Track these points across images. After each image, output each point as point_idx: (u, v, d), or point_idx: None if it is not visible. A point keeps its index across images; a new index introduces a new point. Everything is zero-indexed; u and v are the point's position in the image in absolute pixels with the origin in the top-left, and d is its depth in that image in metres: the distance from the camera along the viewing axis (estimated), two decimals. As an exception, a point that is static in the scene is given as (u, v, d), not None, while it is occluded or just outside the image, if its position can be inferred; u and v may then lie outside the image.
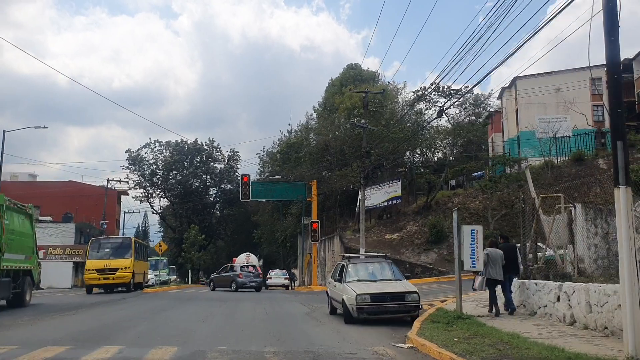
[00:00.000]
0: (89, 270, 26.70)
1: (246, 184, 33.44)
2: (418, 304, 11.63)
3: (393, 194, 33.37)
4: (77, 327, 11.84)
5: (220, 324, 12.23)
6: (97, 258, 27.09)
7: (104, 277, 26.41)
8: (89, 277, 26.75)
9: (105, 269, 26.47)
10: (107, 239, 32.13)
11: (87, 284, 27.19)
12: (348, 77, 54.36)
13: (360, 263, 13.31)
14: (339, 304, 12.69)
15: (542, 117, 42.75)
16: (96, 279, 26.54)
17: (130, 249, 27.83)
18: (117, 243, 29.08)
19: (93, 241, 29.22)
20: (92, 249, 27.72)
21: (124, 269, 26.74)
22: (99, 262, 26.82)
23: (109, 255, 27.49)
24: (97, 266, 26.58)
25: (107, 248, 28.19)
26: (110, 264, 26.69)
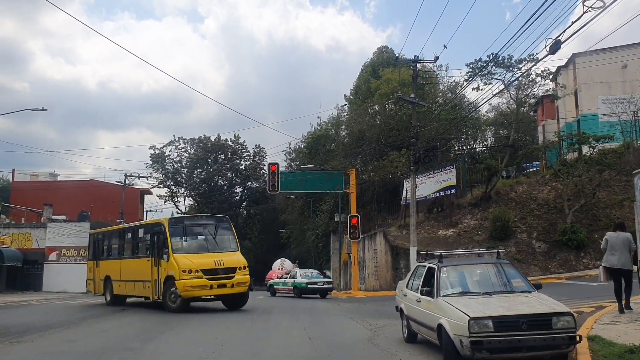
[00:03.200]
0: (186, 271, 15.36)
1: (274, 173, 28.85)
2: (574, 335, 6.81)
3: (446, 182, 28.34)
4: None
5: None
6: (191, 251, 16.40)
7: (218, 285, 15.56)
8: (190, 284, 15.31)
9: (219, 270, 15.73)
10: (193, 218, 20.73)
11: (188, 295, 15.58)
12: (381, 61, 49.58)
13: (463, 265, 8.37)
14: (429, 331, 7.93)
15: (607, 97, 37.31)
16: (205, 286, 15.47)
17: (232, 235, 17.75)
18: (211, 224, 17.62)
19: (173, 221, 17.53)
20: (175, 234, 16.41)
21: (242, 268, 16.26)
22: (202, 258, 15.93)
23: (208, 245, 16.84)
24: (201, 264, 15.58)
25: (201, 234, 17.30)
26: (223, 261, 15.94)
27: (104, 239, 21.91)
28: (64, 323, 13.51)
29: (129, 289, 18.90)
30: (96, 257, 21.90)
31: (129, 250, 19.80)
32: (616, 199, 26.02)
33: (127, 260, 19.37)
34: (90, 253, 22.85)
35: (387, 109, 41.73)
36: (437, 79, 43.83)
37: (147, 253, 17.76)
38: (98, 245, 22.14)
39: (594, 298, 13.24)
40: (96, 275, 21.48)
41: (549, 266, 23.98)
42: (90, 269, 22.32)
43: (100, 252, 21.82)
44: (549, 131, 41.05)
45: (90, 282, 22.37)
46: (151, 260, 17.09)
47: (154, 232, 17.30)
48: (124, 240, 20.39)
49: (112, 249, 21.14)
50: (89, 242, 23.24)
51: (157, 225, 17.53)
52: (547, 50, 11.16)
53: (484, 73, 28.19)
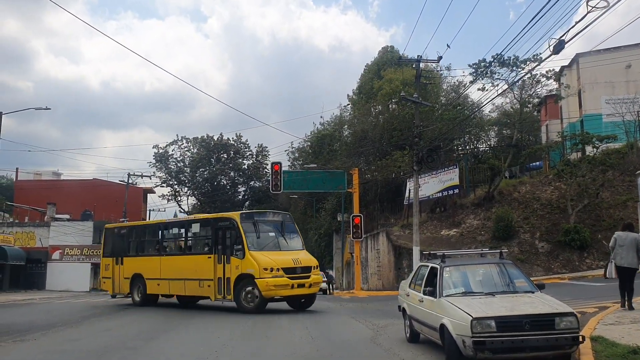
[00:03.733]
0: (268, 270, 14.60)
1: (277, 172, 28.84)
2: (577, 335, 6.78)
3: (449, 182, 28.29)
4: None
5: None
6: (266, 248, 15.49)
7: (298, 284, 14.86)
8: (273, 283, 14.54)
9: (297, 269, 15.07)
10: (262, 214, 17.74)
11: (269, 295, 14.81)
12: (385, 61, 49.53)
13: (465, 265, 8.35)
14: (431, 331, 7.91)
15: (610, 97, 37.17)
16: (286, 286, 14.71)
17: (297, 232, 17.25)
18: (279, 221, 16.70)
19: (244, 216, 16.01)
20: (248, 230, 15.39)
21: (315, 268, 15.86)
22: (280, 256, 15.27)
23: (280, 243, 16.01)
24: (282, 263, 14.90)
25: (271, 230, 16.24)
26: (300, 259, 15.44)
27: (130, 234, 20.33)
28: (67, 322, 13.55)
29: (175, 288, 17.36)
30: (116, 254, 19.92)
31: (175, 247, 18.57)
32: (619, 199, 25.95)
33: (174, 257, 17.89)
34: (106, 249, 20.75)
35: (390, 109, 41.71)
36: (440, 78, 43.79)
37: (205, 250, 16.60)
38: (119, 241, 20.29)
39: (597, 298, 13.21)
40: (117, 273, 19.57)
41: (552, 266, 23.92)
42: (108, 267, 20.21)
43: (123, 248, 19.93)
44: (553, 131, 40.93)
45: (106, 280, 20.36)
46: (213, 257, 15.85)
47: (219, 228, 16.14)
48: (167, 236, 19.09)
49: (145, 245, 19.74)
50: (104, 237, 21.24)
51: (223, 220, 16.28)
52: (551, 50, 11.14)
53: (487, 74, 28.10)
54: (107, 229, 21.42)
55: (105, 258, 20.75)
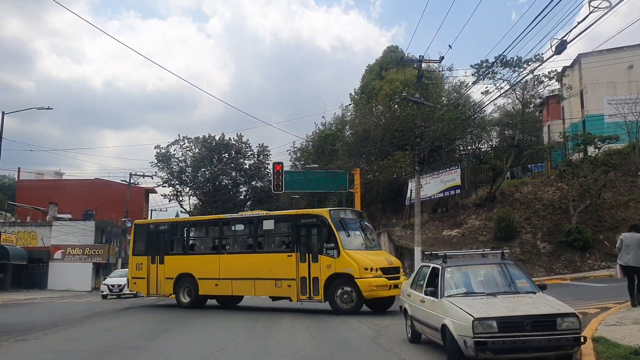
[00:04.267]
0: (368, 269, 13.98)
1: (279, 173, 28.85)
2: (578, 336, 6.77)
3: (451, 183, 28.26)
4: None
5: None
6: (358, 247, 14.95)
7: (393, 285, 14.06)
8: (375, 283, 13.88)
9: (391, 269, 14.63)
10: (345, 211, 17.13)
11: (371, 296, 14.08)
12: (389, 61, 49.50)
13: (467, 266, 8.34)
14: (432, 331, 7.90)
15: (612, 98, 37.13)
16: (385, 286, 14.04)
17: (374, 232, 17.18)
18: (359, 220, 16.33)
19: (333, 213, 15.26)
20: (339, 228, 14.73)
21: (400, 267, 15.59)
22: (373, 255, 14.81)
23: (366, 243, 15.54)
24: (378, 262, 14.38)
25: (357, 229, 15.72)
26: (392, 260, 15.34)
27: (173, 231, 18.72)
28: (69, 321, 13.57)
29: (240, 288, 16.31)
30: (153, 252, 18.28)
31: (241, 245, 17.40)
32: (622, 199, 25.92)
33: (239, 255, 16.72)
34: (138, 247, 18.99)
35: (391, 109, 41.71)
36: (442, 79, 43.79)
37: (283, 248, 15.79)
38: (157, 239, 18.53)
39: (598, 299, 13.19)
40: (155, 273, 17.98)
41: (553, 267, 23.88)
42: (140, 266, 18.46)
43: (163, 246, 18.23)
44: (554, 131, 40.94)
45: (137, 280, 18.55)
46: (295, 255, 15.06)
47: (303, 225, 15.38)
48: (229, 233, 17.84)
49: (197, 242, 18.63)
50: (135, 234, 19.41)
51: (309, 217, 15.59)
52: (553, 51, 11.12)
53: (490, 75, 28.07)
54: (139, 226, 19.75)
55: (136, 257, 18.86)
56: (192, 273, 17.13)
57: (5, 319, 14.95)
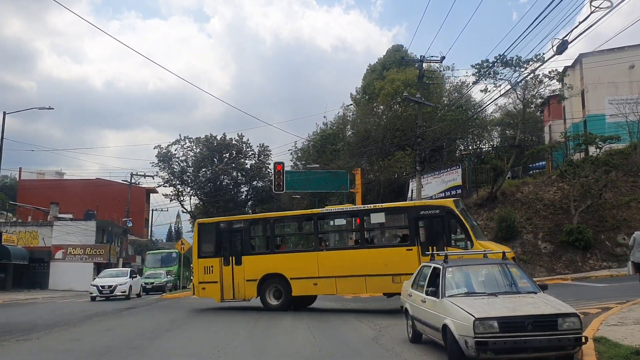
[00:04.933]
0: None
1: (280, 172, 28.85)
2: (579, 336, 6.77)
3: (452, 183, 28.29)
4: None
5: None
6: (480, 236, 15.46)
7: None
8: None
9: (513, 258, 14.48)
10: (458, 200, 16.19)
11: None
12: (393, 60, 49.42)
13: (468, 266, 8.35)
14: (434, 331, 7.90)
15: (614, 98, 37.10)
16: None
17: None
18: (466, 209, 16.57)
19: (456, 203, 15.00)
20: (467, 218, 14.80)
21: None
22: (491, 245, 14.57)
23: (481, 231, 16.28)
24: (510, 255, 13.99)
25: (471, 218, 16.05)
26: (506, 249, 14.69)
27: (252, 229, 17.29)
28: (70, 321, 13.58)
29: (346, 286, 15.36)
30: (227, 253, 16.72)
31: (344, 240, 16.56)
32: (623, 199, 25.89)
33: (345, 252, 15.84)
34: (205, 249, 17.28)
35: (392, 109, 41.70)
36: (443, 78, 43.78)
37: (399, 241, 15.26)
38: (231, 238, 17.00)
39: (600, 299, 13.18)
40: (231, 275, 16.45)
41: (554, 267, 23.87)
42: (210, 269, 16.76)
43: (241, 245, 16.72)
44: (556, 131, 40.91)
45: (207, 285, 16.75)
46: (415, 249, 14.45)
47: (423, 217, 14.85)
48: (327, 228, 16.79)
49: (285, 239, 17.42)
50: (199, 235, 17.46)
51: (430, 208, 15.03)
52: (554, 51, 11.14)
53: (491, 75, 28.07)
54: (205, 225, 17.76)
55: (203, 259, 16.97)
56: (281, 273, 15.82)
57: (6, 318, 14.97)
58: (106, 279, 25.24)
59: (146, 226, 63.12)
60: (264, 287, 16.04)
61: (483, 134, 43.63)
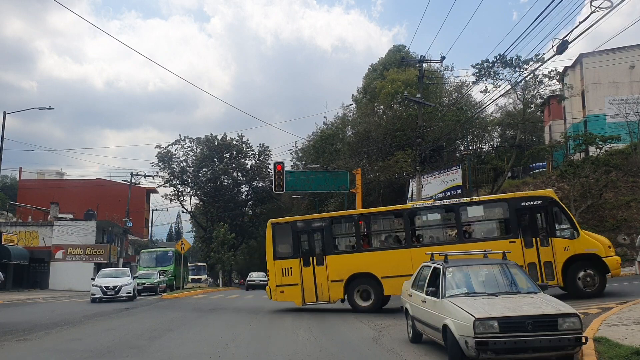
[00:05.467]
0: (610, 247, 14.61)
1: (280, 173, 28.88)
2: (580, 336, 6.78)
3: (452, 183, 28.31)
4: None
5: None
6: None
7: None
8: (619, 261, 14.79)
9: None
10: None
11: (616, 274, 14.74)
12: (393, 60, 49.44)
13: (468, 266, 8.35)
14: (434, 331, 7.91)
15: (614, 98, 37.12)
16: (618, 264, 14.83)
17: None
18: None
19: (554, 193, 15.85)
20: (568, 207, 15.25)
21: None
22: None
23: None
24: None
25: None
26: None
27: (335, 227, 16.44)
28: (70, 321, 13.58)
29: None
30: (306, 253, 15.94)
31: (440, 235, 15.93)
32: (623, 199, 25.91)
33: (444, 247, 14.55)
34: (281, 250, 16.44)
35: (393, 109, 41.73)
36: (443, 78, 43.81)
37: (500, 234, 14.95)
38: (311, 237, 16.26)
39: (600, 299, 13.19)
40: (314, 277, 15.62)
41: (555, 267, 23.83)
42: (288, 271, 15.90)
43: (323, 245, 15.91)
44: (556, 132, 40.93)
45: (289, 289, 15.79)
46: (518, 241, 14.25)
47: (526, 208, 14.58)
48: (420, 224, 16.21)
49: (373, 237, 16.56)
50: (274, 235, 16.47)
51: (534, 200, 14.63)
52: (554, 51, 11.15)
53: (491, 75, 28.11)
54: (279, 225, 16.79)
55: (280, 261, 16.09)
56: (371, 272, 15.16)
57: (6, 318, 14.97)
58: (109, 279, 23.41)
59: (146, 226, 63.16)
60: (351, 287, 15.35)
61: (483, 134, 43.68)
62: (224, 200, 58.96)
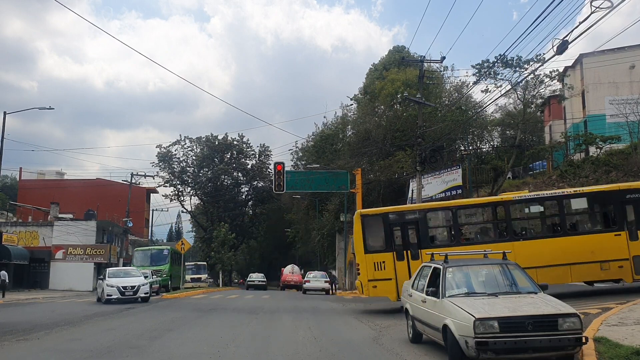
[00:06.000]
0: None
1: (280, 173, 28.85)
2: (580, 336, 6.78)
3: (452, 183, 28.30)
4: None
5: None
6: None
7: None
8: None
9: None
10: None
11: None
12: (393, 61, 49.41)
13: (468, 266, 8.36)
14: (434, 331, 7.92)
15: (614, 98, 37.11)
16: None
17: None
18: None
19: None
20: None
21: None
22: None
23: None
24: None
25: None
26: None
27: (436, 218, 16.01)
28: (70, 321, 13.57)
29: (554, 275, 14.19)
30: (401, 247, 15.23)
31: (542, 228, 15.61)
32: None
33: (548, 240, 14.80)
34: (373, 243, 15.52)
35: (393, 109, 41.70)
36: (443, 78, 43.78)
37: (602, 226, 14.69)
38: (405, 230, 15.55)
39: (600, 299, 13.17)
40: (408, 272, 14.67)
41: (555, 267, 23.80)
42: (381, 265, 15.06)
43: (419, 237, 15.33)
44: (556, 132, 40.93)
45: (382, 284, 14.93)
46: (624, 233, 14.15)
47: (631, 200, 14.38)
48: (521, 215, 15.88)
49: (474, 229, 16.09)
50: (364, 228, 15.58)
51: (635, 192, 14.54)
52: (555, 51, 11.14)
53: (491, 75, 28.09)
54: (369, 217, 15.85)
55: (372, 254, 15.22)
56: None
57: (6, 318, 14.96)
58: (125, 278, 22.09)
59: (146, 226, 63.16)
60: None
61: (483, 134, 43.67)
62: (224, 200, 58.98)
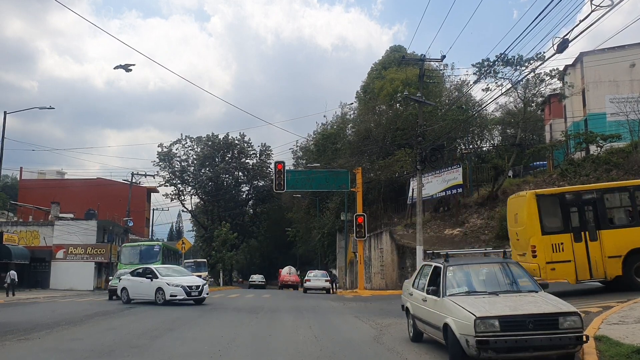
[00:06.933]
0: None
1: (280, 172, 28.91)
2: (580, 335, 6.78)
3: (453, 182, 28.27)
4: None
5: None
6: None
7: None
8: None
9: None
10: None
11: None
12: (392, 60, 49.46)
13: (469, 265, 8.33)
14: (435, 330, 7.91)
15: (614, 96, 37.09)
16: None
17: None
18: None
19: None
20: None
21: None
22: None
23: None
24: None
25: None
26: None
27: (614, 198, 15.38)
28: (71, 320, 13.58)
29: None
30: (577, 228, 14.70)
31: None
32: (624, 198, 25.83)
33: None
34: (550, 223, 14.90)
35: (393, 108, 41.72)
36: (443, 77, 43.76)
37: None
38: (582, 210, 15.01)
39: (601, 298, 13.17)
40: (587, 253, 14.43)
41: (555, 266, 23.79)
42: (559, 247, 14.49)
43: (596, 218, 14.75)
44: (556, 130, 40.91)
45: (560, 266, 14.50)
46: None
47: None
48: None
49: None
50: (541, 208, 14.88)
51: None
52: (555, 49, 11.13)
53: (491, 74, 28.04)
54: (545, 197, 15.32)
55: (549, 236, 14.64)
56: None
57: (7, 318, 14.98)
58: (186, 277, 20.73)
59: (147, 226, 63.19)
60: (629, 263, 14.28)
61: (484, 132, 43.66)
62: (224, 200, 59.02)
